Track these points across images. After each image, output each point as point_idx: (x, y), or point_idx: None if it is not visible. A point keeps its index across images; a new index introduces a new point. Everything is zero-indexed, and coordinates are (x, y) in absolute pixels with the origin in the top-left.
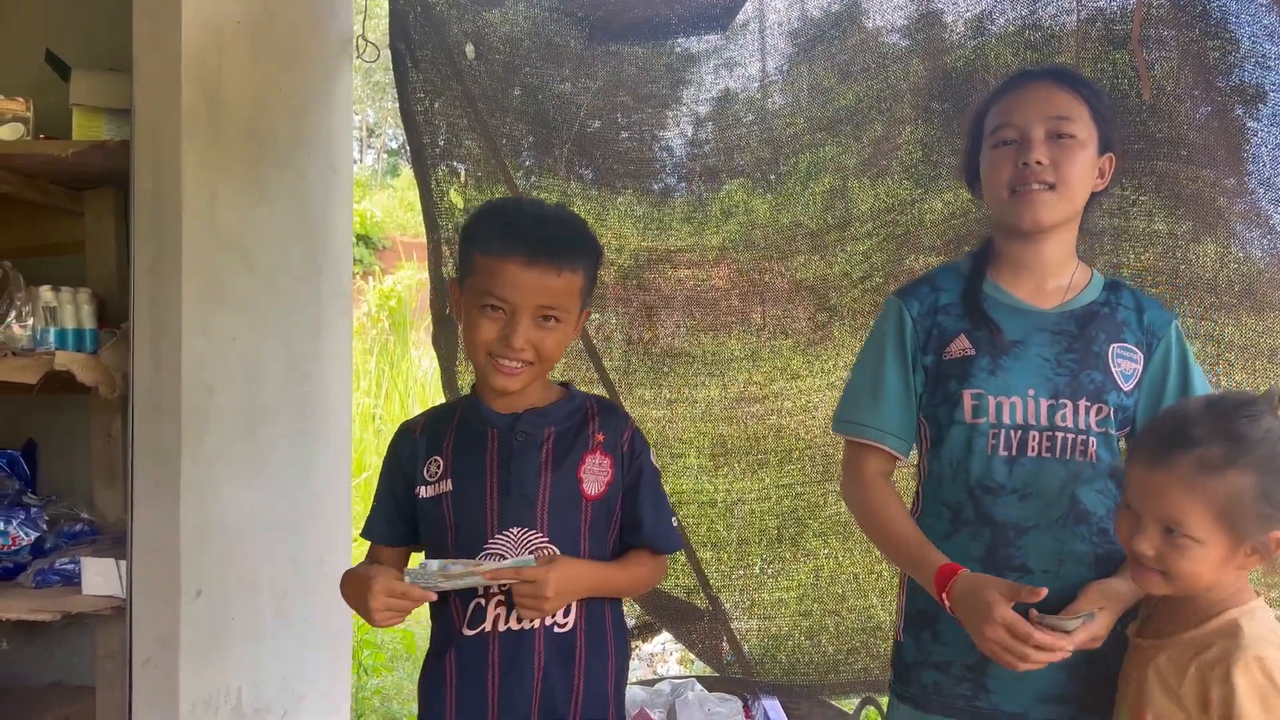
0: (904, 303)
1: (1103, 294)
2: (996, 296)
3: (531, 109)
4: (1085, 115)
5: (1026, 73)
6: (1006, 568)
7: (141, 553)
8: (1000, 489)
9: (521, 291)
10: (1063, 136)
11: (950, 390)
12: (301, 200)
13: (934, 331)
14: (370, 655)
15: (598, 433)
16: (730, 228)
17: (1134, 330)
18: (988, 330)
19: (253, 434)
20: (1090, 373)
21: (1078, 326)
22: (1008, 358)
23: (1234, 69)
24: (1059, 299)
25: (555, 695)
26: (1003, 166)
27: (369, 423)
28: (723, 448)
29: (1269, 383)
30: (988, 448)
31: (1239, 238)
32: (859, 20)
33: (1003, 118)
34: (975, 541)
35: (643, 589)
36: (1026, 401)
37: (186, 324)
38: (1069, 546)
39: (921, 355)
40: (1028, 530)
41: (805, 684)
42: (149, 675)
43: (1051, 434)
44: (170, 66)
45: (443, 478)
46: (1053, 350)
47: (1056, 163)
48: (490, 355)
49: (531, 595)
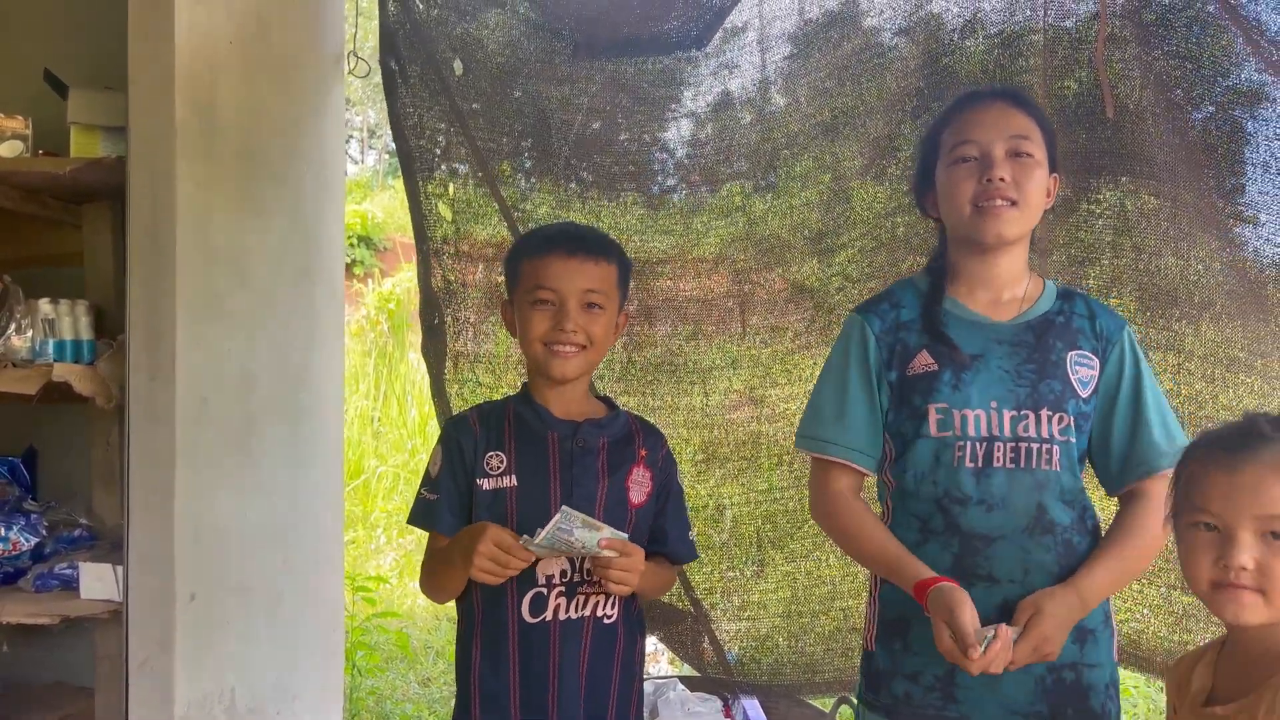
0: (865, 319)
1: (1057, 303)
2: (955, 312)
3: (530, 111)
4: (1038, 136)
5: (979, 93)
6: (974, 577)
7: (138, 558)
8: (968, 500)
9: (567, 279)
10: (1021, 155)
11: (915, 405)
12: (294, 213)
13: (897, 348)
14: (365, 657)
15: (641, 448)
16: (728, 231)
17: (1089, 337)
18: (947, 346)
19: (246, 442)
20: (1050, 382)
21: (1035, 337)
22: (969, 372)
23: (1194, 88)
24: (1015, 311)
25: (598, 681)
26: (965, 183)
27: (367, 425)
28: (710, 453)
29: (1228, 391)
30: (954, 460)
31: (1199, 251)
32: (857, 22)
33: (963, 135)
34: (944, 551)
35: (660, 593)
36: (990, 414)
37: (181, 335)
38: (1034, 556)
39: (886, 371)
40: (994, 540)
41: (786, 684)
42: (145, 677)
43: (1016, 445)
44: (165, 85)
45: (506, 473)
46: (1012, 362)
47: (1017, 180)
48: (545, 345)
49: (626, 569)
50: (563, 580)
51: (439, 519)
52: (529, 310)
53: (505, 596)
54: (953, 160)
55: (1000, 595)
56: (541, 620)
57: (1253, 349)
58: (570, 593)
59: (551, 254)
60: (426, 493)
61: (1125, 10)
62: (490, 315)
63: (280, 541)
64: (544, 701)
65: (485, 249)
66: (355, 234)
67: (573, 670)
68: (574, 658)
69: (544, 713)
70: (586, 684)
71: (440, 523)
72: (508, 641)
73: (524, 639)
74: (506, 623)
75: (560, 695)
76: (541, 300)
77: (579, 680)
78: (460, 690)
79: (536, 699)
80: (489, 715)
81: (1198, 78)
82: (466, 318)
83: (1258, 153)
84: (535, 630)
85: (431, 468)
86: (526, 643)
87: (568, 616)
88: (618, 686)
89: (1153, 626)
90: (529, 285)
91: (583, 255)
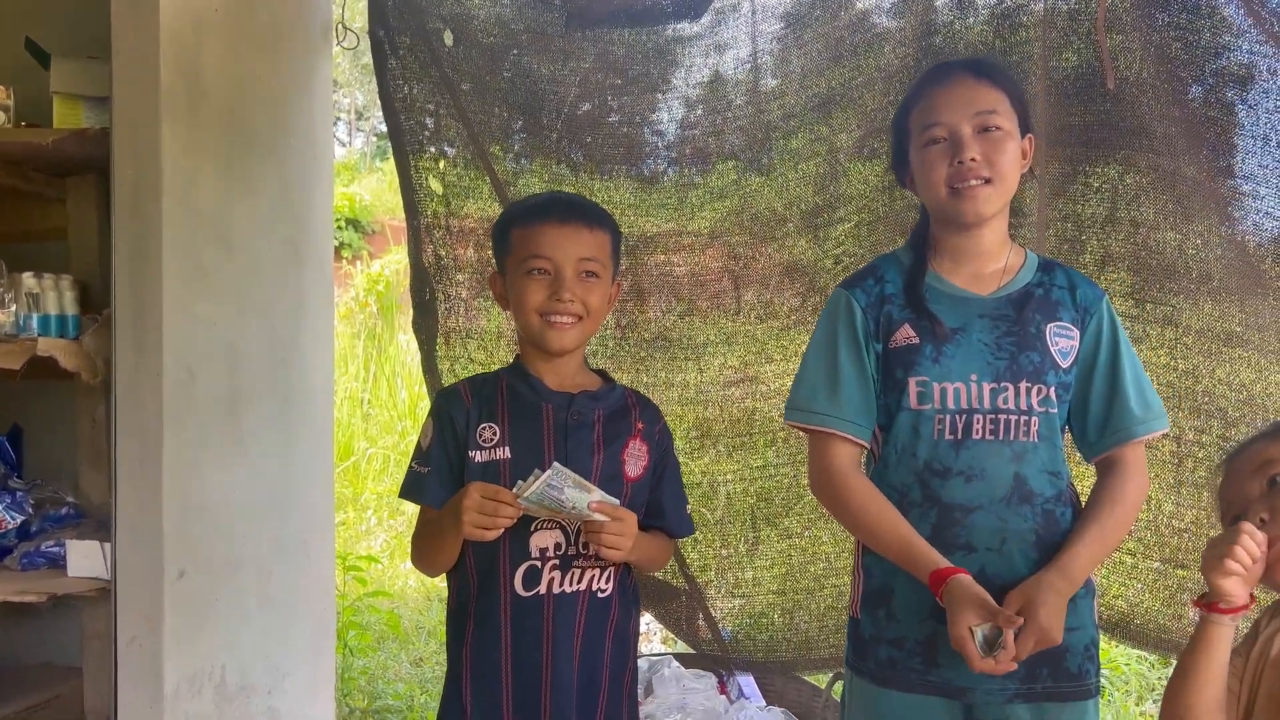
0: (851, 294)
1: (1037, 275)
2: (938, 286)
3: (521, 90)
4: (1006, 105)
5: (943, 66)
6: (953, 546)
7: (125, 535)
8: (948, 471)
9: (562, 247)
10: (989, 130)
11: (897, 378)
12: (282, 185)
13: (881, 321)
14: (356, 636)
15: (638, 421)
16: (722, 209)
17: (1069, 308)
18: (929, 320)
19: (235, 417)
20: (1029, 354)
21: (1015, 310)
22: (950, 345)
23: (1194, 61)
24: (996, 284)
25: (592, 655)
26: (937, 165)
27: (357, 407)
28: (704, 430)
29: (1225, 366)
30: (934, 432)
31: (1198, 225)
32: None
33: (930, 117)
34: (922, 522)
35: (658, 566)
36: (970, 386)
37: (167, 309)
38: (1012, 525)
39: (873, 343)
40: (973, 510)
41: (781, 661)
42: (134, 655)
43: (995, 417)
44: (149, 54)
45: (499, 445)
46: (992, 335)
47: (988, 156)
48: (542, 316)
49: (618, 534)
50: (557, 554)
51: (430, 491)
52: (524, 280)
53: (498, 570)
54: (923, 143)
55: (978, 563)
56: (535, 594)
57: (1249, 323)
58: (565, 566)
59: (546, 222)
60: (417, 465)
61: None
62: (483, 291)
63: (270, 518)
64: (536, 676)
65: (477, 225)
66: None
67: (567, 644)
68: (568, 632)
69: (536, 687)
70: (581, 658)
71: (431, 495)
72: (500, 615)
73: (517, 612)
74: (499, 596)
75: (554, 669)
76: (537, 269)
77: (573, 654)
78: (451, 664)
79: (529, 673)
80: (480, 689)
81: (1197, 50)
82: (458, 294)
83: (1258, 125)
84: (529, 604)
85: (422, 440)
86: (520, 616)
87: (561, 590)
88: (610, 660)
89: (1146, 602)
90: (523, 254)
91: (577, 222)
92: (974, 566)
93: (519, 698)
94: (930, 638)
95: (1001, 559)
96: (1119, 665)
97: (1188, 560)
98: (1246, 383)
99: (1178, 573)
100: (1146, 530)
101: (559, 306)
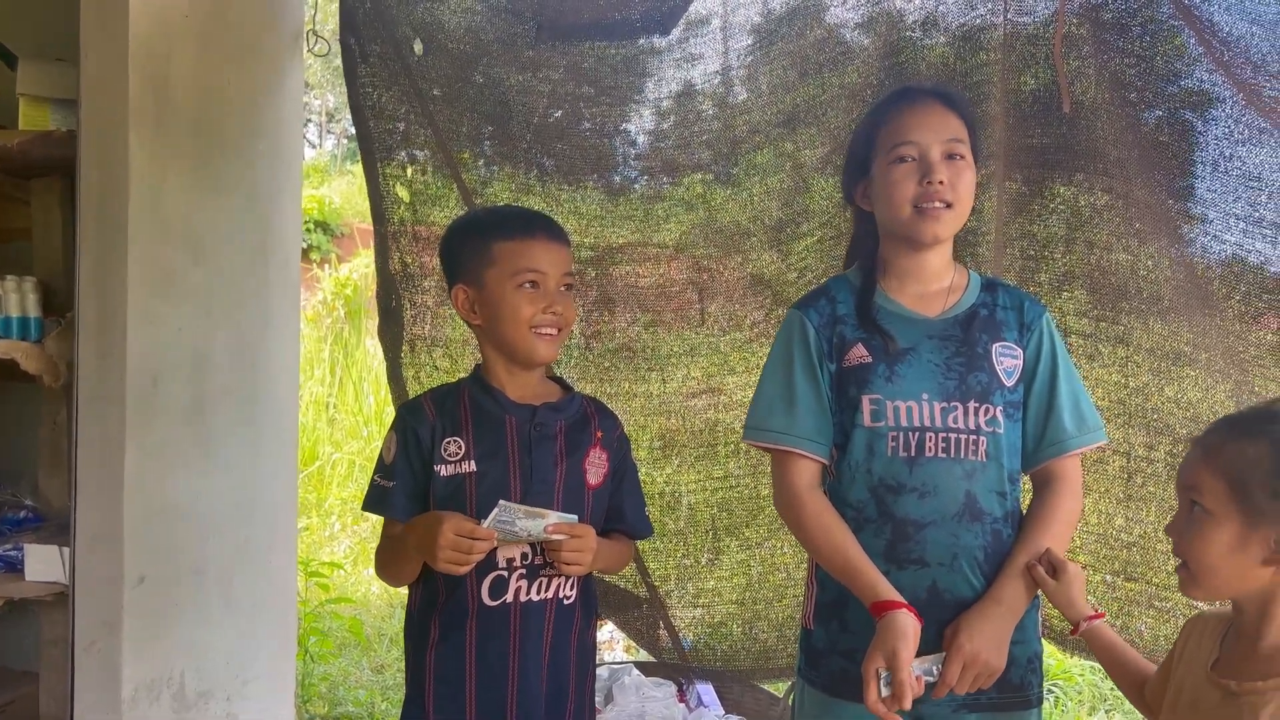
0: (805, 314)
1: (981, 294)
2: (887, 307)
3: (492, 98)
4: (967, 135)
5: (912, 89)
6: (906, 561)
7: (84, 539)
8: (902, 487)
9: (552, 263)
10: (955, 157)
11: (851, 396)
12: (250, 191)
13: (835, 340)
14: (318, 643)
15: (598, 430)
16: (688, 221)
17: (1012, 328)
18: (881, 340)
19: (199, 422)
20: (977, 374)
21: (962, 330)
22: (902, 364)
23: (1147, 87)
24: (942, 304)
25: (559, 659)
26: (905, 183)
27: (323, 411)
28: (667, 440)
29: (1174, 384)
30: (888, 449)
31: (1150, 247)
32: (819, 16)
33: (901, 136)
34: (877, 538)
35: (619, 568)
36: (921, 405)
37: (132, 313)
38: (963, 541)
39: (827, 362)
40: (926, 526)
41: (740, 670)
42: (91, 660)
43: (946, 435)
44: (117, 58)
45: (465, 458)
46: (941, 355)
47: (952, 183)
48: (532, 328)
49: (577, 550)
50: (524, 563)
51: (395, 506)
52: (514, 294)
53: (465, 580)
54: (892, 159)
55: (930, 578)
56: (502, 603)
57: (1197, 343)
58: (532, 575)
59: (535, 237)
60: (381, 479)
61: (1083, 9)
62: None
63: (234, 524)
64: (502, 685)
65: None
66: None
67: (535, 652)
68: (536, 640)
69: (502, 697)
70: (549, 666)
71: (396, 509)
72: (466, 623)
73: (483, 622)
74: (466, 605)
75: (521, 677)
76: (530, 283)
77: (541, 662)
78: (413, 672)
79: (495, 682)
80: (443, 695)
81: (1151, 77)
82: (424, 301)
83: (1207, 152)
84: (495, 613)
85: (385, 454)
86: (486, 625)
87: (528, 599)
88: (575, 667)
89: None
90: (513, 268)
91: (560, 239)
92: (926, 581)
93: (483, 705)
94: None
95: (953, 574)
96: (1073, 675)
97: (1137, 573)
98: (1193, 400)
99: (1127, 585)
100: (1096, 544)
101: (549, 319)
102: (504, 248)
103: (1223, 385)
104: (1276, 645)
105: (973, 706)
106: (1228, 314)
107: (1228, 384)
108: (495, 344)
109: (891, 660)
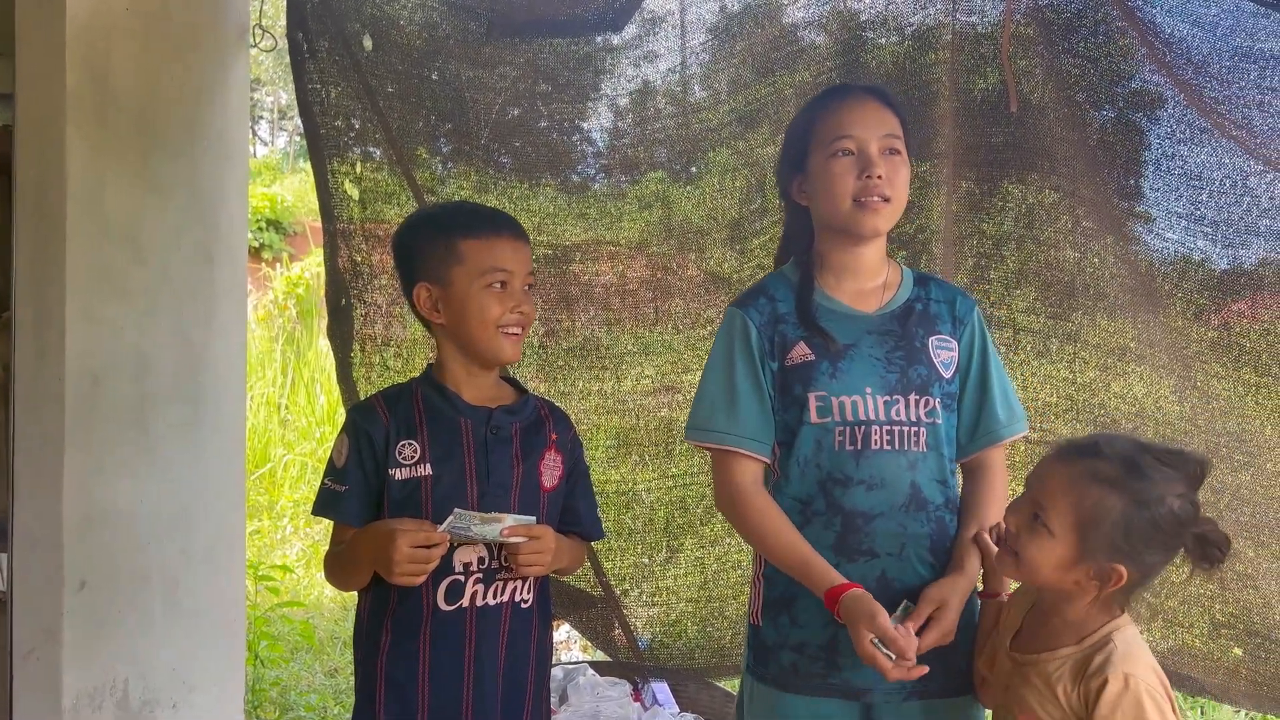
0: (745, 313)
1: (915, 289)
2: (827, 305)
3: (448, 95)
4: (902, 133)
5: (847, 87)
6: (856, 553)
7: (23, 544)
8: (850, 480)
9: (519, 262)
10: (892, 152)
11: (796, 394)
12: (194, 190)
13: (776, 340)
14: (269, 647)
15: (552, 432)
16: (645, 219)
17: (946, 321)
18: (823, 338)
19: (142, 424)
20: (916, 368)
21: (899, 325)
22: (845, 361)
23: (1094, 88)
24: (878, 300)
25: (516, 663)
26: (845, 177)
27: (274, 412)
28: (623, 439)
29: (1120, 380)
30: (835, 443)
31: (1097, 245)
32: (776, 16)
33: (841, 130)
34: (827, 531)
35: (575, 569)
36: (865, 399)
37: (71, 313)
38: (910, 531)
39: (769, 361)
40: (874, 517)
41: (696, 668)
42: (31, 668)
43: (890, 428)
44: (55, 51)
45: (420, 462)
46: (882, 350)
47: (890, 177)
48: (499, 328)
49: (537, 551)
50: (480, 568)
51: (347, 511)
52: (482, 293)
53: (420, 584)
54: (831, 153)
55: (879, 568)
56: (458, 607)
57: (1142, 339)
58: (488, 579)
59: (503, 235)
60: (332, 483)
61: (1030, 10)
62: (400, 298)
63: (179, 528)
64: (457, 688)
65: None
66: (264, 217)
67: (491, 657)
68: (492, 644)
69: (456, 701)
70: (505, 670)
71: (349, 515)
72: (420, 628)
73: (438, 626)
74: (421, 610)
75: (476, 681)
76: (499, 282)
77: (497, 666)
78: (364, 676)
79: (448, 685)
80: (394, 698)
81: (1098, 78)
82: (374, 300)
83: (1151, 152)
84: (451, 617)
85: (336, 457)
86: (441, 629)
87: (485, 603)
88: (534, 671)
89: None
90: (481, 266)
91: (523, 237)
92: (875, 571)
93: (436, 710)
94: (832, 641)
95: (901, 563)
96: None
97: None
98: (1139, 396)
99: None
100: None
101: (515, 318)
102: (472, 246)
103: (1167, 381)
104: (1062, 625)
105: (921, 694)
106: (1172, 310)
107: (1172, 379)
108: (458, 343)
109: (874, 626)
